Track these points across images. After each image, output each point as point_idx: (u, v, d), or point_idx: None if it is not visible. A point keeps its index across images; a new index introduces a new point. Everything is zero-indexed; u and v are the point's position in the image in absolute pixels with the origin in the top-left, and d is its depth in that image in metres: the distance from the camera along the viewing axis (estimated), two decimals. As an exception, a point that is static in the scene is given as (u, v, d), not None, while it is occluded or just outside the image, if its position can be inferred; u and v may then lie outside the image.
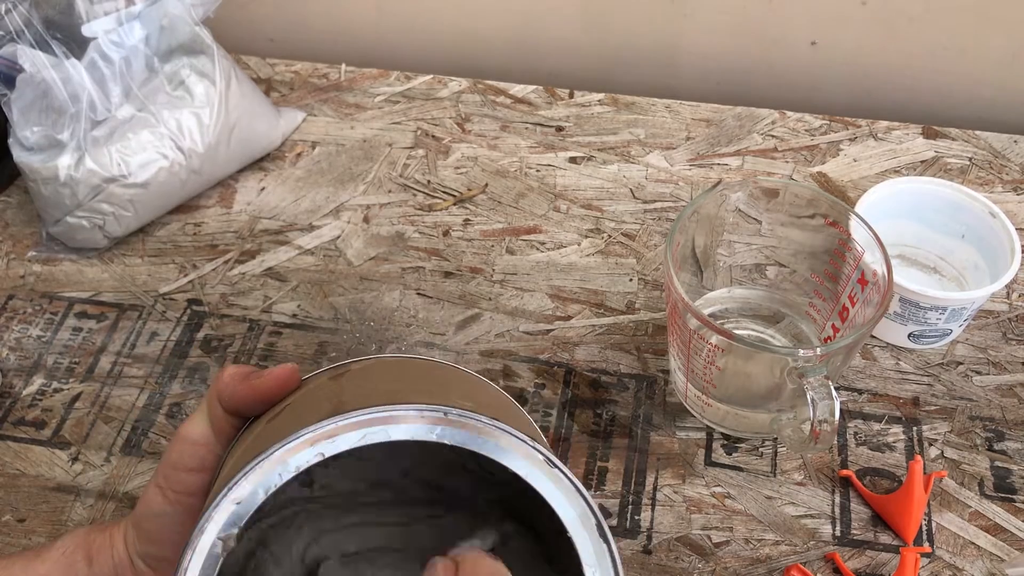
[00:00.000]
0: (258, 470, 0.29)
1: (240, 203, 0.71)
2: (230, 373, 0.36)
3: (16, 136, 0.64)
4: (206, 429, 0.37)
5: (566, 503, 0.30)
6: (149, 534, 0.37)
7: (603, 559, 0.30)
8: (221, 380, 0.36)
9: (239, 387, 0.35)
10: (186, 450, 0.36)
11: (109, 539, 0.38)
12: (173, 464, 0.37)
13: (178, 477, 0.36)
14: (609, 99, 0.78)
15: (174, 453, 0.37)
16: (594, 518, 0.30)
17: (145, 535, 0.37)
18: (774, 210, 0.55)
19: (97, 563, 0.38)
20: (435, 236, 0.69)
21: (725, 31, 0.80)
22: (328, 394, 0.33)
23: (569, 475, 0.30)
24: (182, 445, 0.36)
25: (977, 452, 0.56)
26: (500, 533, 0.38)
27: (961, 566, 0.51)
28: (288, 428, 0.31)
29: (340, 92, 0.80)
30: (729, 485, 0.55)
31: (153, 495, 0.37)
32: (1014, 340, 0.61)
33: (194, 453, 0.36)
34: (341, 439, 0.29)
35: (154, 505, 0.37)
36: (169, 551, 0.37)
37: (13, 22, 0.62)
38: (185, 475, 0.36)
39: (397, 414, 0.29)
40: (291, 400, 0.35)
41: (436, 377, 0.36)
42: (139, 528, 0.38)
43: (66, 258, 0.68)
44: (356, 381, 0.35)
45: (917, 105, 0.81)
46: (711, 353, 0.50)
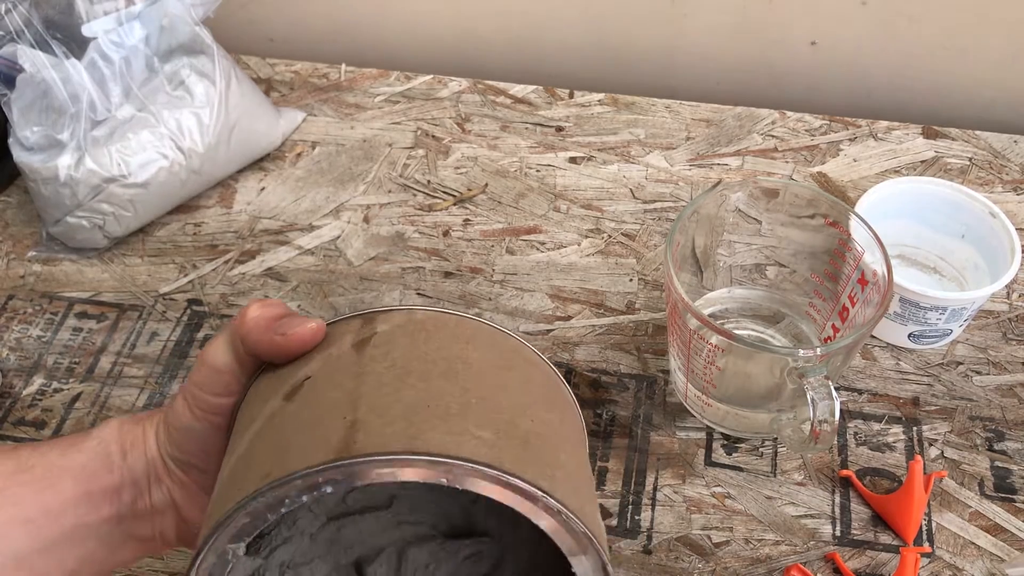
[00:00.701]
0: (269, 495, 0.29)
1: (240, 203, 0.71)
2: (254, 316, 0.36)
3: (16, 136, 0.64)
4: (229, 359, 0.37)
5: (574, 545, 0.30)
6: (178, 442, 0.38)
7: None
8: (244, 324, 0.36)
9: (261, 338, 0.35)
10: (211, 376, 0.37)
11: (143, 434, 0.39)
12: (199, 385, 0.37)
13: (203, 398, 0.37)
14: (609, 99, 0.78)
15: (200, 376, 0.37)
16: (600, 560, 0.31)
17: (174, 442, 0.38)
18: (774, 210, 0.55)
19: (131, 456, 0.39)
20: (435, 236, 0.69)
21: (725, 31, 0.80)
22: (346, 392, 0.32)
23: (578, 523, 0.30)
24: (207, 370, 0.37)
25: (977, 452, 0.55)
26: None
27: (961, 566, 0.51)
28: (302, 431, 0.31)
29: (340, 92, 0.80)
30: (729, 485, 0.55)
31: (181, 408, 0.38)
32: (1014, 340, 0.61)
33: (219, 380, 0.37)
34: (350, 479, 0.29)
35: (182, 418, 0.38)
36: (199, 461, 0.38)
37: (13, 22, 0.62)
38: (210, 397, 0.37)
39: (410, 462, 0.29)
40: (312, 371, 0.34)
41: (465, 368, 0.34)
42: (169, 433, 0.38)
43: (66, 258, 0.68)
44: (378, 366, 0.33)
45: (917, 105, 0.81)
46: (711, 353, 0.50)
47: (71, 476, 0.37)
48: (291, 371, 0.35)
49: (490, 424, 0.31)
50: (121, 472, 0.38)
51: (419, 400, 0.31)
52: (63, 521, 0.37)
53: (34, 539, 0.36)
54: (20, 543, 0.36)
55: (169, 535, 0.40)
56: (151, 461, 0.39)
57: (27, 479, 0.37)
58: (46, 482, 0.37)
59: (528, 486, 0.29)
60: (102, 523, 0.38)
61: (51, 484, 0.37)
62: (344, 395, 0.32)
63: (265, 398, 0.34)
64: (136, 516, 0.39)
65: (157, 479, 0.39)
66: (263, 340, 0.35)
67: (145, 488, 0.39)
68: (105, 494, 0.38)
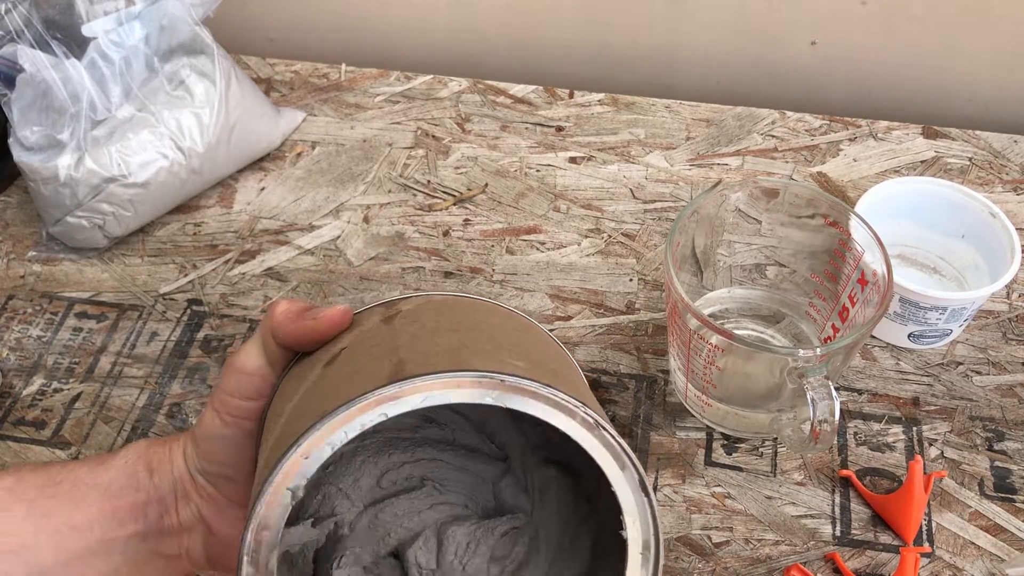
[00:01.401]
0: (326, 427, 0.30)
1: (240, 203, 0.71)
2: (283, 310, 0.37)
3: (16, 136, 0.64)
4: (261, 361, 0.38)
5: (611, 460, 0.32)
6: (207, 453, 0.39)
7: (643, 510, 0.33)
8: (274, 317, 0.37)
9: (292, 326, 0.37)
10: (242, 380, 0.38)
11: (169, 453, 0.40)
12: (230, 392, 0.38)
13: (234, 404, 0.38)
14: (609, 99, 0.78)
15: (230, 383, 0.38)
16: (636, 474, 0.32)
17: (203, 454, 0.39)
18: (774, 210, 0.55)
19: (158, 475, 0.39)
20: (435, 236, 0.69)
21: (725, 31, 0.80)
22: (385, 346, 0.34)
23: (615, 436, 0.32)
24: (238, 376, 0.38)
25: (977, 452, 0.55)
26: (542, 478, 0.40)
27: (961, 566, 0.51)
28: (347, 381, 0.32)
29: (340, 92, 0.80)
30: (729, 485, 0.55)
31: (211, 419, 0.38)
32: (1014, 340, 0.61)
33: (250, 383, 0.38)
34: (404, 401, 0.31)
35: (212, 428, 0.38)
36: (227, 469, 0.39)
37: (13, 22, 0.62)
38: (241, 402, 0.38)
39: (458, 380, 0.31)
40: (346, 343, 0.36)
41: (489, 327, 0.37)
42: (197, 446, 0.39)
43: (66, 258, 0.68)
44: (410, 328, 0.36)
45: (917, 105, 0.81)
46: (711, 353, 0.50)
47: (98, 492, 0.38)
48: (325, 351, 0.36)
49: (522, 358, 0.33)
50: (147, 490, 0.39)
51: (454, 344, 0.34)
52: (88, 536, 0.37)
53: (60, 552, 0.37)
54: (46, 555, 0.37)
55: (196, 553, 0.40)
56: (178, 478, 0.39)
57: (55, 492, 0.38)
58: (74, 496, 0.38)
59: (569, 399, 0.31)
60: (128, 539, 0.38)
61: (79, 499, 0.38)
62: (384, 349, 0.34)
63: (300, 380, 0.36)
64: (162, 533, 0.39)
65: (185, 496, 0.39)
66: (294, 328, 0.37)
67: (172, 505, 0.39)
68: (131, 510, 0.38)
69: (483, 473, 0.42)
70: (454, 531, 0.40)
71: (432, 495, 0.42)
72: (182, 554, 0.40)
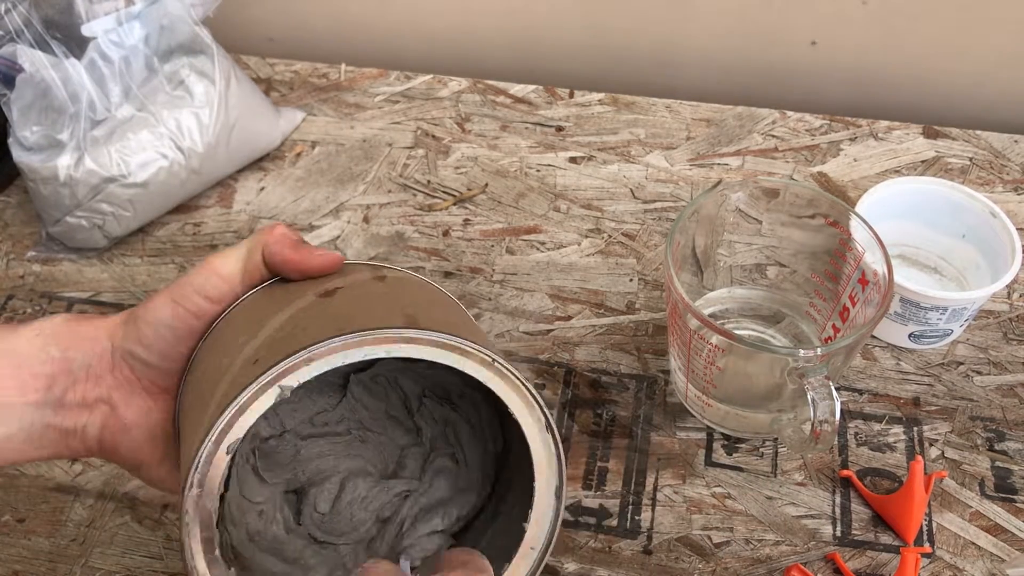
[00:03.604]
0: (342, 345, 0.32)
1: (240, 203, 0.71)
2: (281, 232, 0.38)
3: (16, 136, 0.64)
4: (237, 268, 0.39)
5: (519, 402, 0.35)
6: (143, 337, 0.39)
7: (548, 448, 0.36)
8: (272, 234, 0.38)
9: (289, 252, 0.38)
10: (212, 280, 0.38)
11: (92, 330, 0.39)
12: (195, 287, 0.38)
13: (194, 299, 0.38)
14: (609, 99, 0.78)
15: (199, 278, 0.38)
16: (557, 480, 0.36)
17: (139, 336, 0.39)
18: (774, 210, 0.55)
19: (73, 350, 0.39)
20: (435, 236, 0.69)
21: (725, 31, 0.80)
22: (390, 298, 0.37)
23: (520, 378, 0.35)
24: (209, 274, 0.38)
25: (978, 452, 0.55)
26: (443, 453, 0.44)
27: (962, 566, 0.51)
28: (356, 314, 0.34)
29: (340, 92, 0.80)
30: (729, 485, 0.54)
31: (162, 305, 0.38)
32: (1015, 340, 0.61)
33: (217, 285, 0.38)
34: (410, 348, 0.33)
35: (160, 314, 0.38)
36: (155, 358, 0.39)
37: (13, 22, 0.62)
38: (202, 300, 0.38)
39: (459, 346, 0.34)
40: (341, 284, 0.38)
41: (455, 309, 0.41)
42: (136, 328, 0.39)
43: (66, 258, 0.68)
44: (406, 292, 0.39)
45: (917, 105, 0.81)
46: (711, 353, 0.50)
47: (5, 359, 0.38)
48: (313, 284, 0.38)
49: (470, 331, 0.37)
50: (57, 363, 0.38)
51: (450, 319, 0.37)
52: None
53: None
54: None
55: (92, 434, 0.39)
56: (97, 355, 0.39)
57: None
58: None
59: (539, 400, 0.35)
60: (25, 405, 0.38)
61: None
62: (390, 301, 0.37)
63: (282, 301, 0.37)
64: (62, 405, 0.38)
65: (97, 375, 0.39)
66: (292, 253, 0.38)
67: (81, 380, 0.39)
68: (33, 379, 0.38)
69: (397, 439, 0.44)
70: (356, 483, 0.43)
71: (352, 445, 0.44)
72: (78, 431, 0.39)
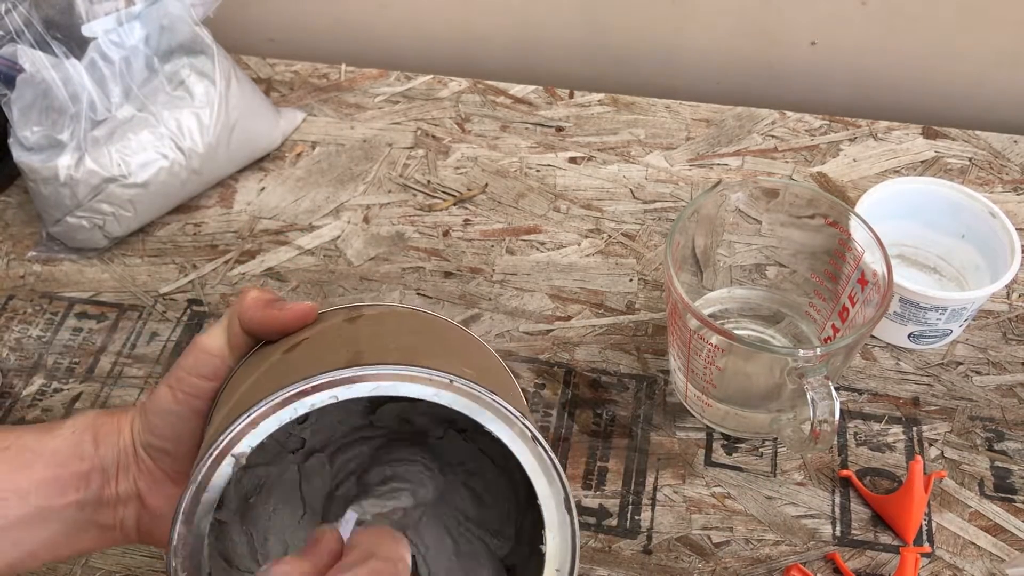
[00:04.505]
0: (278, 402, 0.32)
1: (240, 203, 0.71)
2: (253, 297, 0.39)
3: (16, 136, 0.64)
4: (223, 343, 0.39)
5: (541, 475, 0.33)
6: (154, 427, 0.39)
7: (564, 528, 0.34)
8: (244, 302, 0.39)
9: (259, 313, 0.38)
10: (201, 359, 0.39)
11: (116, 425, 0.40)
12: (187, 369, 0.39)
13: (190, 381, 0.39)
14: (609, 99, 0.78)
15: (190, 359, 0.39)
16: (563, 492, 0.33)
17: (150, 427, 0.39)
18: (774, 210, 0.55)
19: (103, 446, 0.40)
20: (435, 236, 0.69)
21: (725, 31, 0.80)
22: (345, 338, 0.36)
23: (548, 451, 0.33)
24: (198, 354, 0.39)
25: (977, 452, 0.55)
26: None
27: (961, 566, 0.51)
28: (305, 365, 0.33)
29: (340, 92, 0.80)
30: (729, 485, 0.55)
31: (163, 393, 0.39)
32: (1014, 340, 0.61)
33: (208, 362, 0.39)
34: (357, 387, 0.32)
35: (163, 402, 0.39)
36: (168, 444, 0.39)
37: (13, 22, 0.62)
38: (196, 380, 0.39)
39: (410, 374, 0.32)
40: (308, 335, 0.37)
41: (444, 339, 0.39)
42: (145, 419, 0.40)
43: (66, 258, 0.68)
44: (371, 328, 0.38)
45: (917, 105, 0.81)
46: (711, 353, 0.50)
47: (43, 459, 0.39)
48: (286, 340, 0.38)
49: (472, 367, 0.35)
50: (91, 460, 0.39)
51: (410, 346, 0.36)
52: (30, 501, 0.38)
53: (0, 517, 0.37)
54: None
55: (129, 525, 0.40)
56: (122, 450, 0.40)
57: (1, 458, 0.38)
58: (19, 462, 0.38)
59: (511, 410, 0.33)
60: (67, 507, 0.39)
61: (24, 465, 0.38)
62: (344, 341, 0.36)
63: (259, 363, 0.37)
64: (100, 503, 0.39)
65: (125, 468, 0.40)
66: (260, 315, 0.38)
67: (113, 476, 0.40)
68: (73, 479, 0.39)
69: None
70: None
71: None
72: (116, 524, 0.40)
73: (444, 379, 0.32)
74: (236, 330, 0.39)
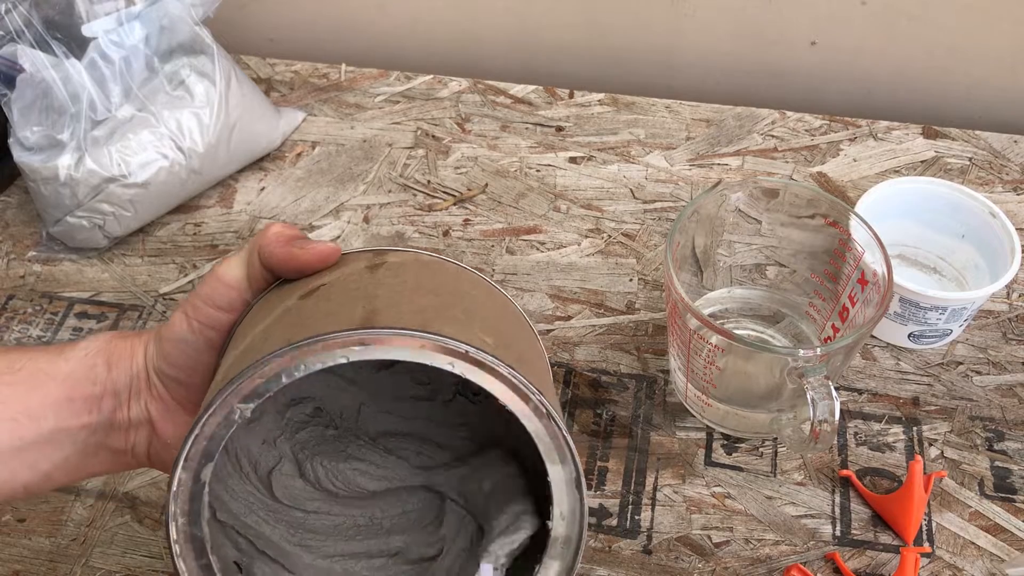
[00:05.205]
0: (288, 356, 0.31)
1: (240, 203, 0.71)
2: (276, 231, 0.38)
3: (16, 136, 0.64)
4: (241, 274, 0.39)
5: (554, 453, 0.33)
6: (167, 354, 0.39)
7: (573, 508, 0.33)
8: (266, 236, 0.38)
9: (280, 249, 0.37)
10: (219, 289, 0.38)
11: (130, 348, 0.40)
12: (204, 298, 0.38)
13: (205, 311, 0.38)
14: (609, 99, 0.78)
15: (207, 288, 0.39)
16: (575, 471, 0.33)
17: (163, 354, 0.39)
18: (774, 210, 0.55)
19: (116, 369, 0.39)
20: (435, 236, 0.69)
21: (725, 31, 0.80)
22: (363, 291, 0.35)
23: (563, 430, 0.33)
24: (216, 283, 0.38)
25: (977, 452, 0.56)
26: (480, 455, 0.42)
27: (961, 566, 0.51)
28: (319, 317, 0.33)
29: (340, 92, 0.80)
30: (729, 485, 0.55)
31: (179, 320, 0.39)
32: (1014, 340, 0.61)
33: (225, 294, 0.38)
34: (369, 350, 0.31)
35: (177, 329, 0.39)
36: (181, 373, 0.39)
37: (13, 22, 0.62)
38: (212, 311, 0.38)
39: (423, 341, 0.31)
40: (327, 280, 0.36)
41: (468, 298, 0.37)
42: (159, 346, 0.39)
43: (66, 258, 0.68)
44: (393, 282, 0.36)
45: (917, 105, 0.81)
46: (711, 353, 0.50)
47: (56, 381, 0.38)
48: (304, 283, 0.37)
49: (492, 334, 0.34)
50: (104, 383, 0.39)
51: (429, 306, 0.34)
52: (43, 423, 0.38)
53: (13, 437, 0.37)
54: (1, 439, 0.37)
55: (140, 450, 0.40)
56: (135, 374, 0.40)
57: (13, 380, 0.38)
58: (32, 384, 0.38)
59: (528, 385, 0.32)
60: (80, 429, 0.39)
61: (36, 387, 0.38)
62: (361, 294, 0.35)
63: (275, 304, 0.36)
64: (112, 426, 0.39)
65: (137, 392, 0.40)
66: (281, 252, 0.37)
67: (125, 400, 0.39)
68: (86, 402, 0.39)
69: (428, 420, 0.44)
70: None
71: None
72: (127, 449, 0.40)
73: (460, 348, 0.31)
74: (255, 263, 0.38)
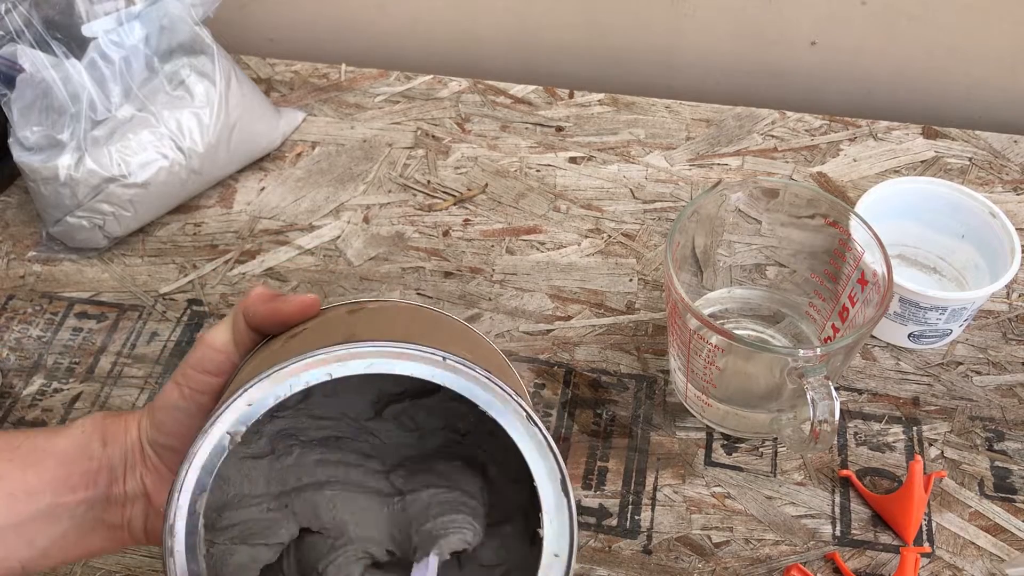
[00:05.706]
0: (273, 378, 0.32)
1: (240, 203, 0.71)
2: (257, 293, 0.39)
3: (16, 136, 0.64)
4: (228, 338, 0.40)
5: (537, 456, 0.33)
6: (161, 424, 0.40)
7: (561, 511, 0.33)
8: (249, 297, 0.39)
9: (263, 307, 0.39)
10: (207, 354, 0.39)
11: (124, 425, 0.41)
12: (193, 365, 0.39)
13: (196, 377, 0.39)
14: (609, 99, 0.78)
15: (196, 355, 0.40)
16: (559, 473, 0.33)
17: (157, 424, 0.40)
18: (774, 210, 0.55)
19: (111, 445, 0.40)
20: (435, 236, 0.69)
21: (725, 31, 0.80)
22: (344, 327, 0.36)
23: (544, 431, 0.33)
24: (204, 350, 0.39)
25: (977, 452, 0.56)
26: None
27: (961, 566, 0.51)
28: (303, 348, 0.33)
29: (340, 92, 0.80)
30: (729, 485, 0.55)
31: (171, 390, 0.40)
32: (1014, 340, 0.61)
33: (213, 358, 0.39)
34: (351, 364, 0.32)
35: (170, 399, 0.40)
36: (176, 442, 0.40)
37: (13, 22, 0.62)
38: (202, 376, 0.39)
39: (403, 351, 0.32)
40: (309, 326, 0.38)
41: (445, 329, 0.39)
42: (153, 417, 0.40)
43: (66, 258, 0.68)
44: (370, 318, 0.38)
45: (917, 105, 0.81)
46: (711, 353, 0.50)
47: (53, 458, 0.39)
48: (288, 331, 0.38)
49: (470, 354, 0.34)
50: (100, 458, 0.40)
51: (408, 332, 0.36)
52: (41, 500, 0.38)
53: (11, 514, 0.38)
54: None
55: (137, 525, 0.41)
56: (129, 448, 0.40)
57: (12, 457, 0.39)
58: (30, 461, 0.39)
59: (507, 389, 0.32)
60: (77, 504, 0.39)
61: (34, 464, 0.39)
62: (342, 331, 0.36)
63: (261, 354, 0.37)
64: (109, 501, 0.40)
65: (132, 466, 0.40)
66: (265, 309, 0.39)
67: (120, 474, 0.40)
68: (83, 476, 0.39)
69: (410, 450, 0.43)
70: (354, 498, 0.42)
71: None
72: (124, 524, 0.41)
73: (438, 356, 0.32)
74: (241, 326, 0.39)
